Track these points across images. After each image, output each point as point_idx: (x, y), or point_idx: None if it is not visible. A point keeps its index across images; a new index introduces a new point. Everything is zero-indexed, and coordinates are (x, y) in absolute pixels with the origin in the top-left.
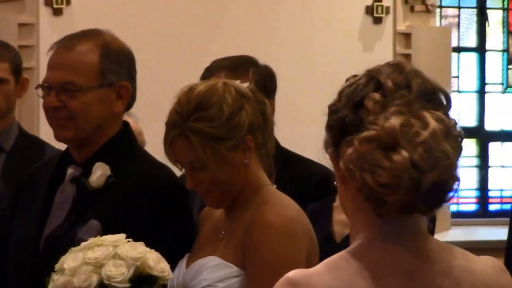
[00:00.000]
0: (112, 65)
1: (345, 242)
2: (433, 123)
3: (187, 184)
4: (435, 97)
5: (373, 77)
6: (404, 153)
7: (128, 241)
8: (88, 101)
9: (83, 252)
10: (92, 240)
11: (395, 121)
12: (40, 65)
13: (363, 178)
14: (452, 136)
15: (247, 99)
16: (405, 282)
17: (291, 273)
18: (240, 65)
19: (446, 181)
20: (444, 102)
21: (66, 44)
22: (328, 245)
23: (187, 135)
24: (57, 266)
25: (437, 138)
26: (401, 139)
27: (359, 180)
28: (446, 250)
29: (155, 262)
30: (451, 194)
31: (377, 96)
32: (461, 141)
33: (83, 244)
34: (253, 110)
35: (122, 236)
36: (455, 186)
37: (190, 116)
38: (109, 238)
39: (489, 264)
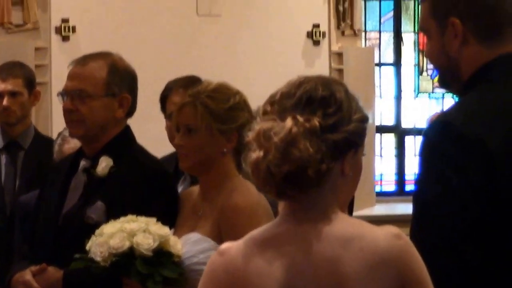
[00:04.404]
0: (116, 80)
1: None
2: (288, 126)
3: (175, 142)
4: (315, 102)
5: (277, 91)
6: (259, 153)
7: (157, 223)
8: (94, 106)
9: (121, 223)
10: (129, 217)
11: (260, 127)
12: (52, 80)
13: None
14: (320, 135)
15: (250, 114)
16: (298, 249)
17: (223, 245)
18: (192, 83)
19: (300, 171)
20: (330, 105)
21: (82, 61)
22: None
23: (196, 104)
24: (97, 231)
25: (292, 137)
26: (260, 142)
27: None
28: (344, 221)
29: (174, 243)
30: (313, 180)
31: (268, 107)
32: (353, 135)
33: (122, 218)
34: (249, 122)
35: (154, 219)
36: (317, 173)
37: (205, 93)
38: (143, 218)
39: (383, 231)
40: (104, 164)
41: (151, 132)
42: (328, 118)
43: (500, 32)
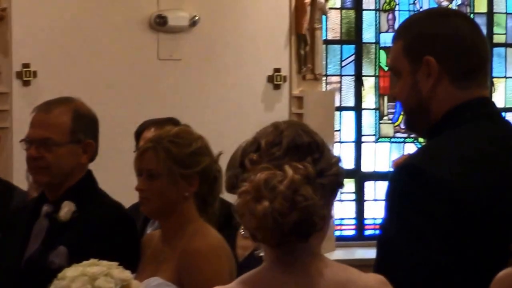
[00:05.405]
0: (81, 126)
1: (245, 263)
2: (290, 173)
3: (136, 186)
4: (303, 148)
5: (255, 139)
6: (266, 203)
7: (118, 267)
8: (61, 154)
9: (83, 266)
10: (91, 261)
11: (260, 176)
12: (13, 126)
13: (244, 222)
14: (323, 176)
15: (211, 158)
16: None
17: None
18: (166, 122)
19: (308, 218)
20: (315, 151)
21: (45, 108)
22: None
23: (158, 149)
24: (59, 275)
25: (296, 185)
26: (264, 191)
27: (243, 224)
28: (333, 266)
29: (136, 286)
30: (317, 226)
31: (254, 156)
32: (337, 178)
33: (84, 262)
34: (211, 166)
35: (115, 263)
36: (319, 220)
37: (167, 138)
38: (105, 262)
39: (373, 278)
40: (67, 209)
41: (112, 175)
42: (316, 164)
43: (473, 75)
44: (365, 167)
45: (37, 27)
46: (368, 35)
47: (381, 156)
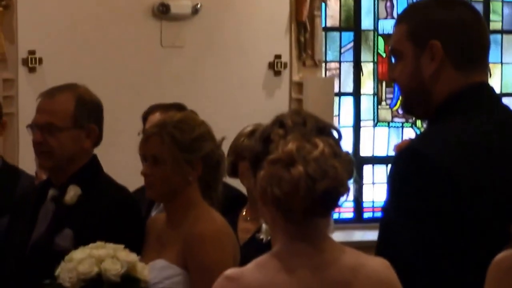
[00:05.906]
0: (83, 112)
1: (246, 246)
2: (321, 145)
3: (141, 171)
4: (325, 131)
5: (278, 119)
6: (300, 167)
7: (125, 250)
8: (63, 139)
9: (89, 249)
10: (98, 243)
11: (291, 145)
12: (19, 111)
13: (272, 191)
14: (341, 157)
15: (214, 143)
16: (313, 275)
17: (228, 271)
18: (172, 107)
19: (336, 187)
20: (335, 135)
21: (49, 94)
22: None
23: (162, 134)
24: (66, 257)
25: (326, 156)
26: (297, 157)
27: (270, 194)
28: (342, 248)
29: (142, 268)
30: (342, 198)
31: (280, 131)
32: (352, 165)
33: (91, 244)
34: (214, 151)
35: (121, 246)
36: (344, 193)
37: (171, 124)
38: (111, 245)
39: (379, 262)
40: (73, 193)
41: (117, 160)
42: (335, 146)
43: (475, 61)
44: (364, 152)
45: (43, 14)
46: (366, 22)
47: (379, 141)
